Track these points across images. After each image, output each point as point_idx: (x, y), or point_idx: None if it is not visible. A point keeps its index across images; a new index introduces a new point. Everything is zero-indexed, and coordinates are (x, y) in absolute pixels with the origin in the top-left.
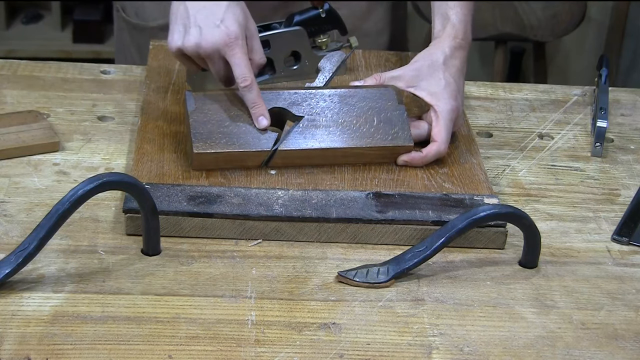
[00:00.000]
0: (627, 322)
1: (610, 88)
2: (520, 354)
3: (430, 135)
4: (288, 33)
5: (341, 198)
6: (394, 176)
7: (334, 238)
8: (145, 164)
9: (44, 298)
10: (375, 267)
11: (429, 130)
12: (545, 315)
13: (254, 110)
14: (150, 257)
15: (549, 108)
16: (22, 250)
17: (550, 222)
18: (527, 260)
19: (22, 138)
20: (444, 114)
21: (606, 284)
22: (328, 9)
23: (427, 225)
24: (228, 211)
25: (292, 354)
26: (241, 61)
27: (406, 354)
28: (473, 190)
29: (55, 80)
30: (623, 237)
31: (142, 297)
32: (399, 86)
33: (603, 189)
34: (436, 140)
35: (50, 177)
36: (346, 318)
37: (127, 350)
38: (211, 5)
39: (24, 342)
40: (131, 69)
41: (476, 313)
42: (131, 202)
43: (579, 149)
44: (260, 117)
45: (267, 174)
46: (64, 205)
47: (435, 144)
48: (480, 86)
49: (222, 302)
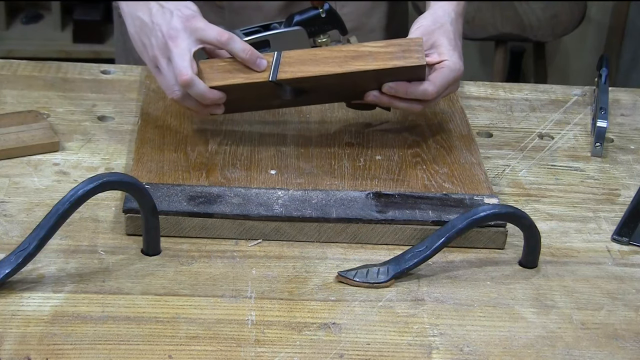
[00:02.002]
0: (627, 322)
1: (610, 88)
2: (520, 354)
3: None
4: (288, 33)
5: (341, 198)
6: (394, 176)
7: (334, 238)
8: (145, 164)
9: (44, 298)
10: (375, 267)
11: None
12: (545, 315)
13: (248, 56)
14: (150, 257)
15: (549, 108)
16: (22, 250)
17: (550, 222)
18: (527, 260)
19: (22, 138)
20: (451, 67)
21: (606, 284)
22: (328, 9)
23: (427, 225)
24: (228, 211)
25: (292, 354)
26: (178, 57)
27: (406, 354)
28: (473, 190)
29: (55, 80)
30: (623, 237)
31: (142, 297)
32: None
33: (603, 189)
34: (430, 81)
35: (50, 177)
36: (346, 318)
37: (127, 350)
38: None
39: (24, 342)
40: (131, 69)
41: (476, 313)
42: (131, 202)
43: (579, 149)
44: (257, 59)
45: (267, 174)
46: (64, 205)
47: (427, 83)
48: (480, 86)
49: (222, 302)
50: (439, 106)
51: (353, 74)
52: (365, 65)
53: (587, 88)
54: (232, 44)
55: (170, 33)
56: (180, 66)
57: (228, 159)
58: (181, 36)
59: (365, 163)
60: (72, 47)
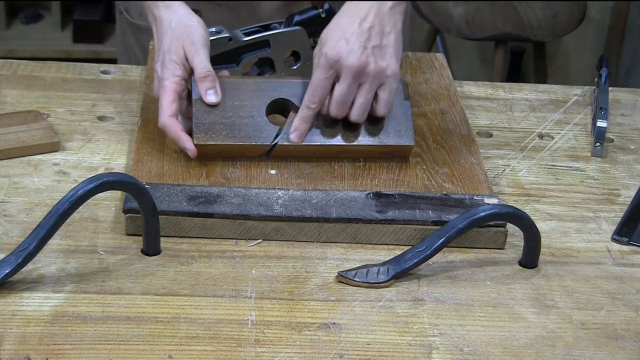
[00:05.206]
0: (627, 322)
1: (610, 88)
2: (520, 354)
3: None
4: (288, 33)
5: (341, 198)
6: (394, 176)
7: (334, 238)
8: (145, 163)
9: (44, 298)
10: (375, 267)
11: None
12: (545, 315)
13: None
14: (150, 257)
15: (549, 108)
16: (22, 250)
17: (550, 222)
18: (527, 260)
19: (22, 138)
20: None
21: (606, 284)
22: (328, 9)
23: (427, 225)
24: (228, 211)
25: (292, 354)
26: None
27: (406, 354)
28: (473, 190)
29: (55, 80)
30: (623, 237)
31: (142, 297)
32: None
33: (603, 189)
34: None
35: (50, 177)
36: (346, 318)
37: (127, 350)
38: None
39: (24, 342)
40: (131, 69)
41: (476, 313)
42: (131, 202)
43: (579, 149)
44: (208, 90)
45: (267, 174)
46: (64, 205)
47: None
48: (480, 86)
49: (222, 302)
50: (439, 106)
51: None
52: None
53: (587, 88)
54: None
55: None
56: (160, 106)
57: (228, 158)
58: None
59: (365, 163)
60: (72, 47)
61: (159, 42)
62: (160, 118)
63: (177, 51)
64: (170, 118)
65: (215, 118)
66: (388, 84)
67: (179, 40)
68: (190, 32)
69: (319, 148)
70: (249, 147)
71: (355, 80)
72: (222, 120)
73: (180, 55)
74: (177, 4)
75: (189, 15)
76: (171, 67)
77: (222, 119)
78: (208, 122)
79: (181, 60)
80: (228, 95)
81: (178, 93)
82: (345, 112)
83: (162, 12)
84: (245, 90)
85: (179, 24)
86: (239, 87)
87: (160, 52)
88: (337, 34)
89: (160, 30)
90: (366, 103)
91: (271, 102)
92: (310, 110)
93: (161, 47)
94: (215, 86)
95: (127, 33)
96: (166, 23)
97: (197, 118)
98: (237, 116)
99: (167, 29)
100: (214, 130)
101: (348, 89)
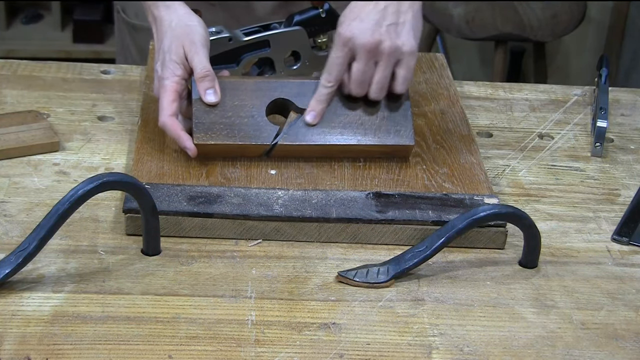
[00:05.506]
0: (627, 322)
1: (610, 88)
2: (520, 354)
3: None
4: (288, 33)
5: (341, 198)
6: (394, 176)
7: (334, 238)
8: (145, 163)
9: (44, 298)
10: (375, 267)
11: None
12: (545, 315)
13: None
14: (150, 257)
15: (549, 108)
16: (22, 250)
17: (550, 222)
18: (527, 260)
19: (22, 138)
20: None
21: (606, 284)
22: (328, 9)
23: (427, 225)
24: (228, 211)
25: (292, 354)
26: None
27: (406, 354)
28: (473, 190)
29: (55, 80)
30: (623, 237)
31: (142, 297)
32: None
33: (603, 189)
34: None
35: (50, 177)
36: (346, 318)
37: (127, 350)
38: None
39: (24, 342)
40: (131, 69)
41: (476, 313)
42: (131, 202)
43: (579, 149)
44: (207, 90)
45: (267, 174)
46: (64, 205)
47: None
48: (480, 86)
49: (222, 302)
50: (439, 106)
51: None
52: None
53: (587, 88)
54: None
55: (162, 79)
56: (161, 106)
57: (228, 158)
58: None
59: (365, 163)
60: (72, 47)
61: (159, 42)
62: (161, 117)
63: (177, 51)
64: (171, 117)
65: (215, 118)
66: (405, 61)
67: (179, 40)
68: (190, 32)
69: (319, 148)
70: (249, 147)
71: (371, 58)
72: (222, 120)
73: (180, 55)
74: (177, 4)
75: (189, 15)
76: (171, 66)
77: (222, 119)
78: (208, 122)
79: (181, 60)
80: (228, 95)
81: (178, 93)
82: (365, 90)
83: (162, 12)
84: (245, 90)
85: (179, 24)
86: (239, 87)
87: (161, 52)
88: (353, 14)
89: (161, 30)
90: (384, 80)
91: (271, 102)
92: (326, 89)
93: (161, 47)
94: (214, 86)
95: (124, 32)
96: (166, 23)
97: (197, 118)
98: (237, 116)
99: (167, 29)
100: (214, 130)
101: (364, 67)
